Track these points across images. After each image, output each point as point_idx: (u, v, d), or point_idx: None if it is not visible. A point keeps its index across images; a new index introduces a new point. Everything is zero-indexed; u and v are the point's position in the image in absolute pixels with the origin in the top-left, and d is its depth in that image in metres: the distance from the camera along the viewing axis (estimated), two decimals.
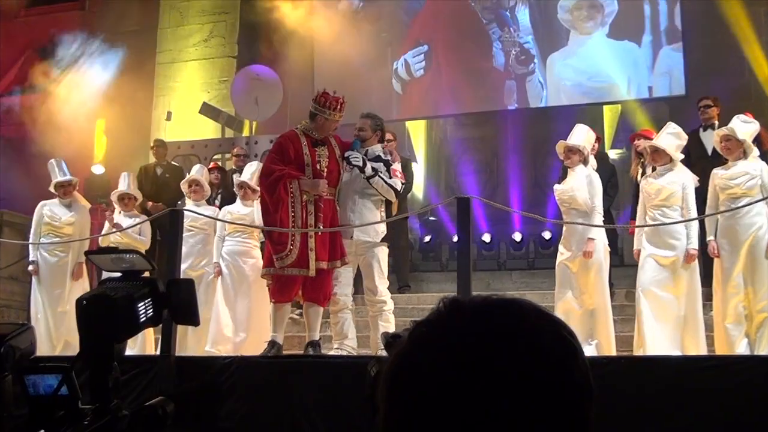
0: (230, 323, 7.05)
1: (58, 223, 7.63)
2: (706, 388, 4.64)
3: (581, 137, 6.47)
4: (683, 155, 6.34)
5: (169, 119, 12.29)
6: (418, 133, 12.76)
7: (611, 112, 11.60)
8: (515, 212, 10.16)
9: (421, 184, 11.89)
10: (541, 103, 11.31)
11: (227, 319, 7.06)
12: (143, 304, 1.64)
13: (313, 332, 6.04)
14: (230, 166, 10.06)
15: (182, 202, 8.02)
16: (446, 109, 11.94)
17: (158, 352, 6.05)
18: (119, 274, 1.76)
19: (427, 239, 10.64)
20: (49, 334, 7.36)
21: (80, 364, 1.71)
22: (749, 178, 5.97)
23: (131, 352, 6.95)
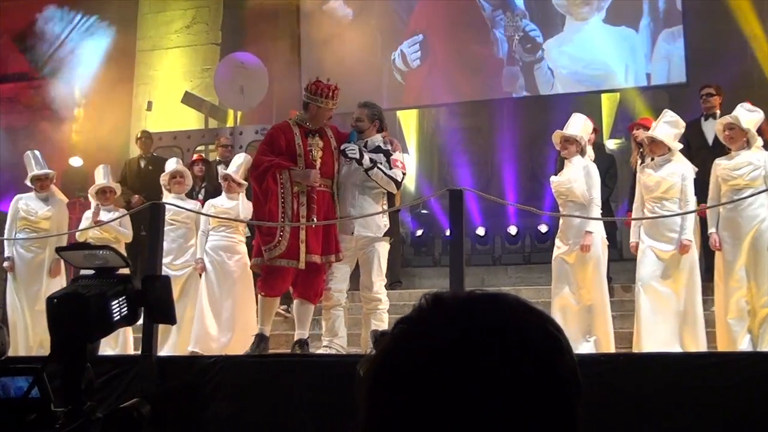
0: (214, 322, 7.02)
1: (34, 217, 7.57)
2: (707, 386, 4.64)
3: (578, 127, 6.46)
4: (681, 144, 6.34)
5: (149, 109, 12.22)
6: (409, 123, 12.74)
7: (609, 100, 11.62)
8: (510, 205, 10.16)
9: (412, 175, 11.86)
10: (551, 90, 11.28)
11: (211, 317, 7.02)
12: (117, 302, 1.61)
13: (302, 330, 6.03)
14: (214, 157, 10.01)
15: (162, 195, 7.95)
16: (439, 98, 11.92)
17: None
18: (93, 271, 1.74)
19: (419, 233, 10.63)
20: (26, 333, 7.31)
21: (53, 365, 1.68)
22: (753, 168, 5.96)
23: (113, 352, 6.92)
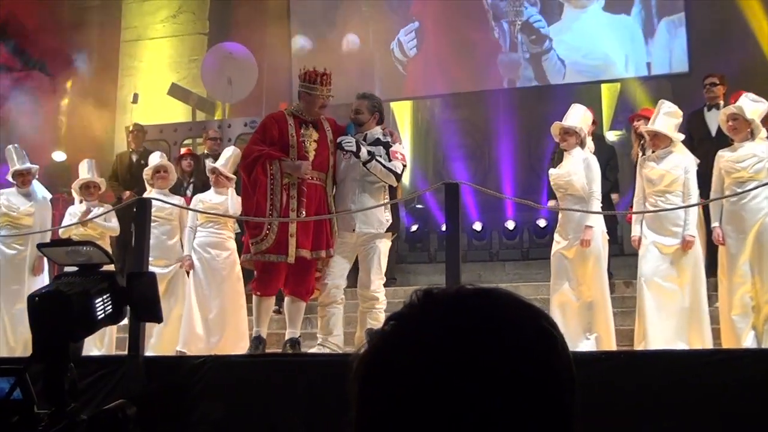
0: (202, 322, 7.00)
1: (16, 213, 7.54)
2: (711, 383, 4.65)
3: (578, 118, 6.45)
4: (683, 135, 6.35)
5: (135, 101, 12.18)
6: (403, 114, 12.72)
7: (610, 91, 11.62)
8: (508, 199, 10.18)
9: (407, 169, 11.84)
10: (563, 80, 11.27)
11: (199, 317, 7.00)
12: (101, 299, 1.60)
13: (293, 329, 6.01)
14: (202, 150, 9.99)
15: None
16: (434, 88, 11.90)
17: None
18: (76, 268, 1.73)
19: (414, 228, 10.62)
20: (6, 334, 7.29)
21: (35, 366, 1.68)
22: (757, 160, 5.96)
23: (99, 352, 6.90)
